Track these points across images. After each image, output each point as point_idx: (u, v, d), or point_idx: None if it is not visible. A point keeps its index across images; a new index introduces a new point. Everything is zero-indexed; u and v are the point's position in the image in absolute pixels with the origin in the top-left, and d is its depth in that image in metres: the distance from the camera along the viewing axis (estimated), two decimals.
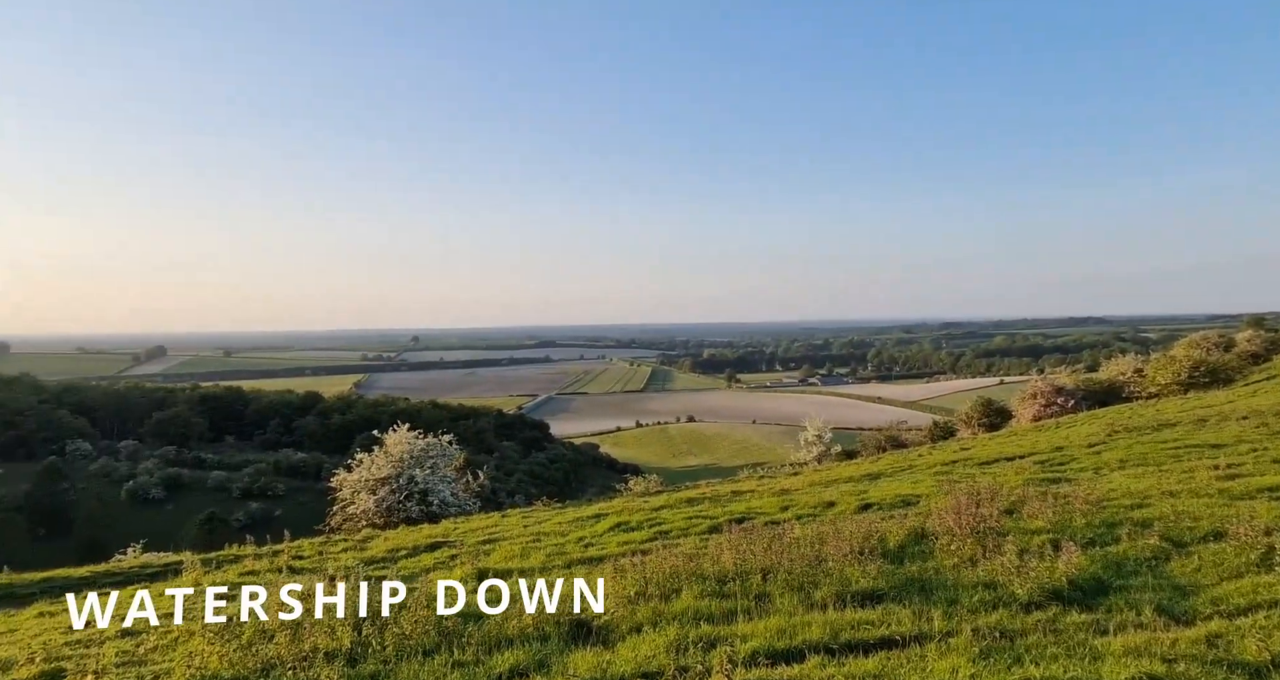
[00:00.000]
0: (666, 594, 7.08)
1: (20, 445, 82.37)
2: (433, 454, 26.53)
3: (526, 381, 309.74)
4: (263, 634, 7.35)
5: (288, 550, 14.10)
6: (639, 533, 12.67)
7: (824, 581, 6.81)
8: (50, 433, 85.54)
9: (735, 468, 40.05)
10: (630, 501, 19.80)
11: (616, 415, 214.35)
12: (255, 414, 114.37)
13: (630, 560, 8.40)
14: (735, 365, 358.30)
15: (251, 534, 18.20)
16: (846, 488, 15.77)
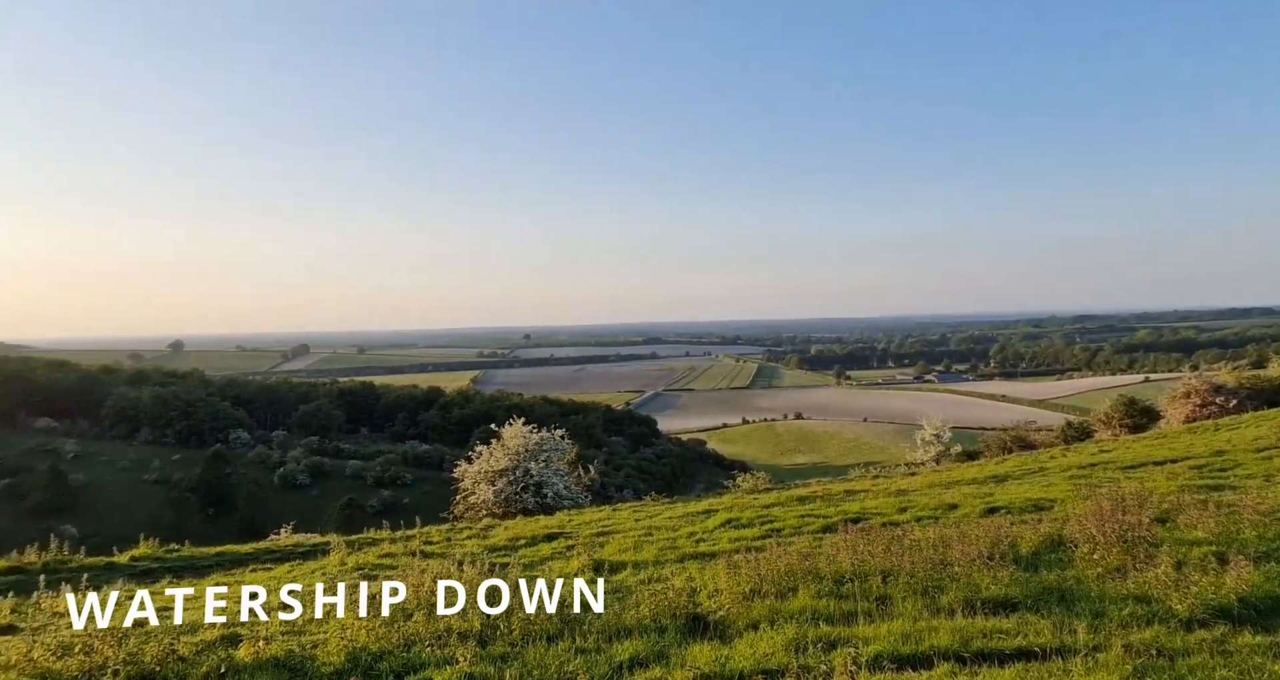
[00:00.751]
0: (782, 592, 7.03)
1: (193, 433, 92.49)
2: (546, 448, 27.46)
3: (633, 378, 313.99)
4: (403, 612, 7.94)
5: (419, 536, 15.07)
6: (750, 530, 12.62)
7: (950, 586, 6.54)
8: (216, 423, 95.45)
9: (845, 467, 38.91)
10: (739, 498, 19.72)
11: (722, 412, 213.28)
12: (385, 407, 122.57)
13: (743, 557, 8.39)
14: (844, 362, 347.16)
15: (384, 519, 19.58)
16: (969, 490, 14.99)
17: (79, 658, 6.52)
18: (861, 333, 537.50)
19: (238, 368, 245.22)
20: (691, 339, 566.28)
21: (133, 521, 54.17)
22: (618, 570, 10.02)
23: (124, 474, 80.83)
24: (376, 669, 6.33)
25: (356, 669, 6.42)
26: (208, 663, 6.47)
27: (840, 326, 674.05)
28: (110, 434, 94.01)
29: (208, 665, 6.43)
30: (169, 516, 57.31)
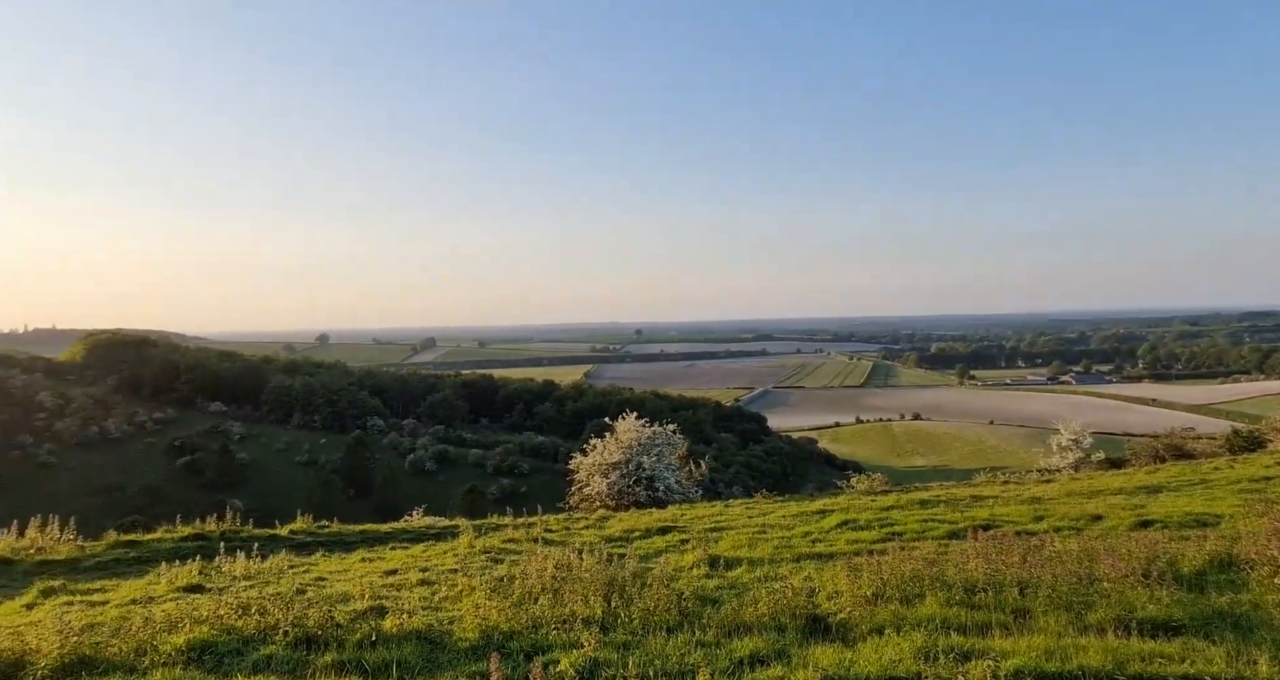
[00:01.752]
0: (907, 598, 6.81)
1: (337, 419, 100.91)
2: (658, 442, 27.77)
3: (743, 374, 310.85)
4: (529, 595, 8.35)
5: (539, 523, 15.70)
6: (868, 532, 12.27)
7: (1099, 603, 6.08)
8: (356, 410, 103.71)
9: (969, 471, 36.71)
10: (855, 499, 19.16)
11: (835, 410, 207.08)
12: (504, 399, 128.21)
13: (864, 560, 8.19)
14: (968, 360, 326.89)
15: (503, 506, 20.50)
16: (1116, 501, 13.81)
17: (255, 618, 7.33)
18: (987, 330, 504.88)
19: (374, 360, 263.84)
20: (803, 336, 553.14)
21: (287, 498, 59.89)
22: (733, 566, 10.04)
23: (280, 454, 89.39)
24: (508, 647, 6.69)
25: (489, 646, 6.81)
26: (360, 631, 7.08)
27: (964, 323, 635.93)
28: (269, 418, 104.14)
29: (360, 633, 7.04)
30: (317, 495, 62.90)
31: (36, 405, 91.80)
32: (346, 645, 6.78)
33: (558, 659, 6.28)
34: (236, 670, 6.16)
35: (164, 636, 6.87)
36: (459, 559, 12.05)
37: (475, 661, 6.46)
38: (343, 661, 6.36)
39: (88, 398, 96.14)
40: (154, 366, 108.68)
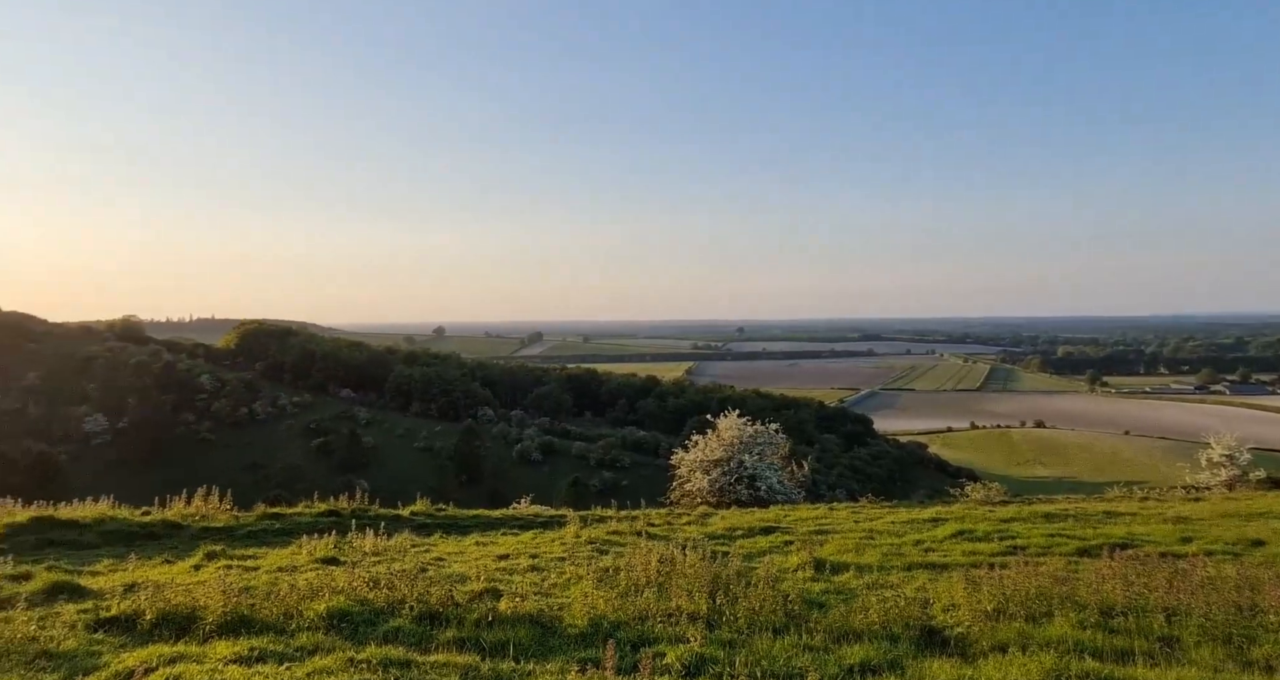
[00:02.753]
0: (1033, 616, 6.43)
1: (451, 409, 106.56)
2: (760, 441, 27.43)
3: (848, 375, 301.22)
4: (634, 587, 8.52)
5: (642, 517, 15.95)
6: (986, 544, 11.64)
7: (1264, 638, 5.51)
8: (468, 400, 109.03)
9: (1100, 485, 33.95)
10: (970, 509, 18.18)
11: (947, 415, 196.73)
12: (607, 393, 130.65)
13: (984, 573, 7.79)
14: (1100, 366, 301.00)
15: (604, 498, 20.91)
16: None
17: (385, 592, 7.89)
18: (1123, 333, 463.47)
19: (485, 352, 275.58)
20: (913, 336, 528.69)
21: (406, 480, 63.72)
22: (839, 571, 9.82)
23: (400, 440, 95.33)
24: (615, 637, 6.85)
25: (598, 634, 7.02)
26: (478, 611, 7.48)
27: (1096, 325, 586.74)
28: (391, 405, 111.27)
29: (478, 613, 7.43)
30: (432, 480, 66.59)
31: (198, 387, 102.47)
32: (465, 623, 7.18)
33: (664, 652, 6.39)
34: (370, 639, 6.66)
35: (307, 603, 7.53)
36: (566, 548, 12.42)
37: (585, 648, 6.68)
38: (462, 639, 6.74)
39: (239, 381, 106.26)
40: (294, 354, 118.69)
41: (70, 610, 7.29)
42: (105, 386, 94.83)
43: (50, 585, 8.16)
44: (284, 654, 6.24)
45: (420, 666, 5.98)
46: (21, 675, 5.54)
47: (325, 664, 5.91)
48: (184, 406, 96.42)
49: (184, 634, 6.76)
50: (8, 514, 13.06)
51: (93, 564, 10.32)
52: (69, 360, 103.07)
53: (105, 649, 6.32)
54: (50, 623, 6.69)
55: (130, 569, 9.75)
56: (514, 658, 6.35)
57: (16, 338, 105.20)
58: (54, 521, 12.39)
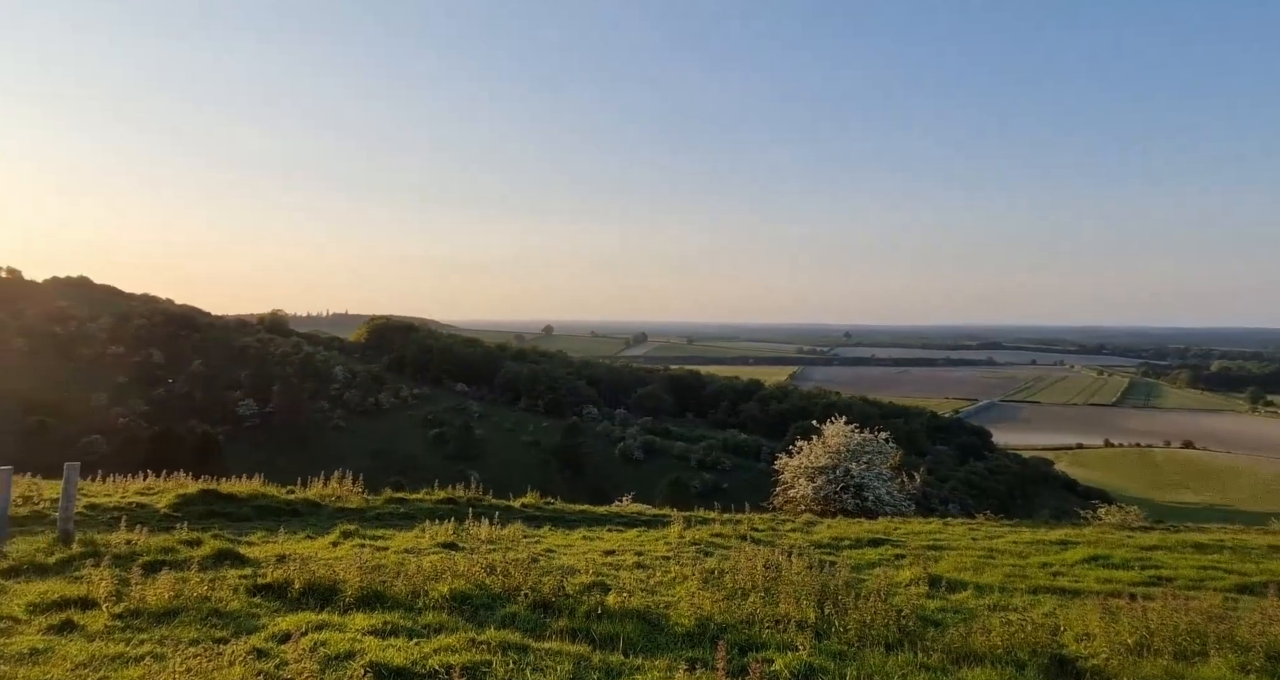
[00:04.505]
0: (1183, 654, 5.91)
1: (556, 405, 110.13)
2: (868, 450, 26.54)
3: (964, 384, 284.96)
4: (740, 591, 8.53)
5: (746, 521, 15.85)
6: (1125, 572, 10.75)
7: None
8: (573, 398, 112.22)
9: (1262, 515, 30.43)
10: (1105, 533, 16.79)
11: (1077, 430, 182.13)
12: (709, 396, 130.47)
13: (1123, 603, 7.23)
14: (1265, 383, 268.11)
15: (705, 500, 20.88)
16: None
17: (501, 578, 8.31)
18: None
19: (590, 351, 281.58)
20: (1039, 345, 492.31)
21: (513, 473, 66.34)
22: (956, 589, 9.39)
23: (508, 434, 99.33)
24: (721, 639, 6.90)
25: (704, 635, 7.09)
26: (587, 603, 7.73)
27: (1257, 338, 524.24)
28: (501, 400, 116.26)
29: (587, 605, 7.68)
30: (537, 473, 68.85)
31: (332, 377, 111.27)
32: (576, 614, 7.45)
33: (772, 658, 6.37)
34: (489, 622, 7.05)
35: (432, 584, 8.05)
36: (670, 547, 12.55)
37: (691, 647, 6.76)
38: (573, 629, 6.99)
39: (367, 373, 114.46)
40: (415, 349, 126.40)
41: (233, 575, 8.16)
42: (255, 374, 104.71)
43: (216, 552, 9.16)
44: (413, 630, 6.71)
45: (535, 652, 6.27)
46: (198, 630, 6.28)
47: (450, 642, 6.31)
48: (320, 395, 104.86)
49: (326, 604, 7.40)
50: (180, 486, 14.75)
51: (248, 535, 11.46)
52: (227, 350, 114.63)
53: (263, 612, 7.03)
54: (218, 585, 7.52)
55: (279, 541, 10.76)
56: (623, 651, 6.53)
57: (186, 329, 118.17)
58: (216, 495, 13.87)
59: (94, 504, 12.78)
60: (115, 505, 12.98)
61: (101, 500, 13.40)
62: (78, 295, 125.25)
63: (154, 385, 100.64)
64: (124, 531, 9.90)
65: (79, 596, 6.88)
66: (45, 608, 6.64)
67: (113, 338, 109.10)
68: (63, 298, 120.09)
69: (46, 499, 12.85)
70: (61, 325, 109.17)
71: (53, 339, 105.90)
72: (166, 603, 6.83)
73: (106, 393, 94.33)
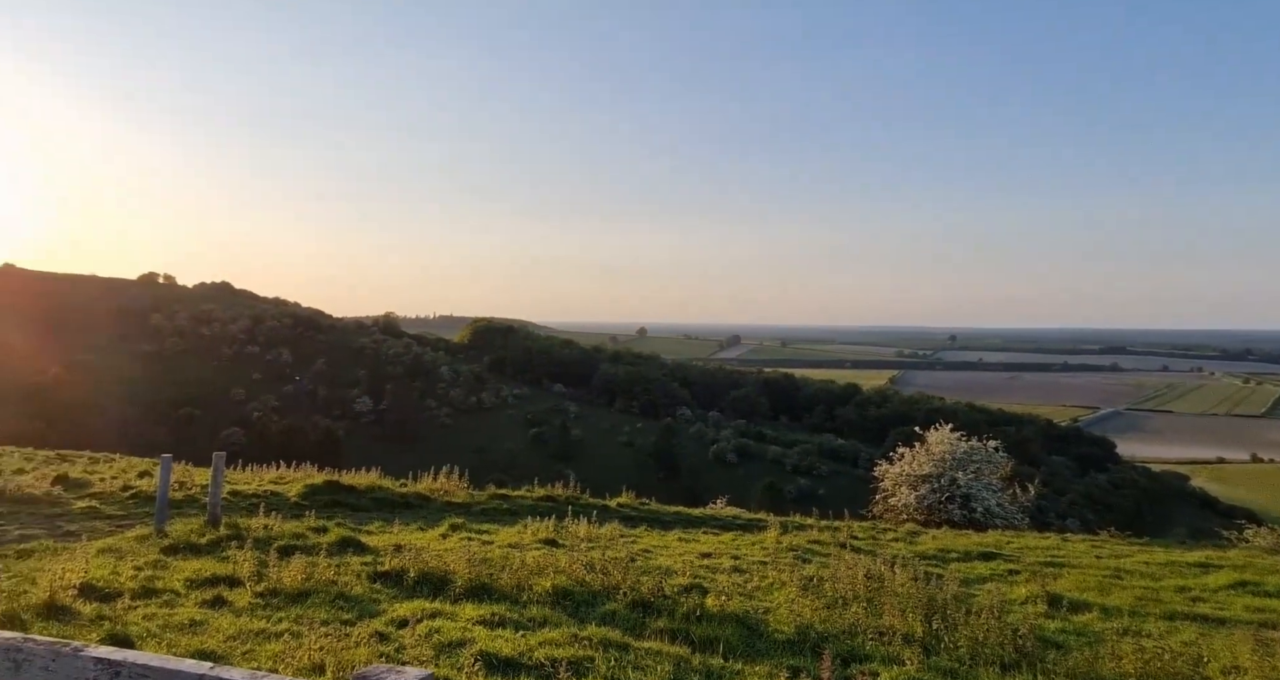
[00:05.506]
0: None
1: (651, 407, 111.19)
2: (976, 458, 25.20)
3: (1084, 391, 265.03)
4: (840, 600, 8.35)
5: (845, 528, 15.44)
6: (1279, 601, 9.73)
7: None
8: (667, 399, 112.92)
9: None
10: (1254, 557, 15.18)
11: (1216, 443, 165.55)
12: (804, 399, 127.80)
13: (1278, 635, 6.57)
14: None
15: (800, 505, 20.45)
16: None
17: (600, 576, 8.50)
18: None
19: (684, 353, 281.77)
20: (1171, 350, 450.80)
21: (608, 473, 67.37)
22: (1079, 610, 8.80)
23: (604, 434, 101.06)
24: (822, 648, 6.78)
25: (805, 643, 6.99)
26: (686, 605, 7.78)
27: None
28: (597, 401, 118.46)
29: (686, 607, 7.74)
30: (632, 474, 69.54)
31: (439, 376, 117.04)
32: (675, 615, 7.51)
33: (877, 671, 6.21)
34: (590, 618, 7.23)
35: (535, 579, 8.34)
36: (767, 553, 12.42)
37: (792, 655, 6.68)
38: (672, 630, 7.05)
39: (470, 373, 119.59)
40: (515, 350, 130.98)
41: (355, 562, 8.76)
42: (371, 373, 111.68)
43: (340, 539, 9.86)
44: (519, 622, 6.99)
45: (636, 651, 6.38)
46: (328, 611, 6.80)
47: (554, 636, 6.53)
48: (428, 393, 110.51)
49: (438, 593, 7.82)
50: (307, 476, 15.96)
51: (366, 524, 12.25)
52: (346, 350, 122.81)
53: (382, 598, 7.52)
54: (343, 571, 8.10)
55: (395, 532, 11.45)
56: (723, 655, 6.54)
57: (311, 331, 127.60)
58: (339, 486, 14.91)
59: (235, 490, 14.03)
60: (253, 492, 14.21)
61: (241, 487, 14.70)
62: (220, 299, 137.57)
63: (283, 382, 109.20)
64: (262, 517, 10.84)
65: (227, 575, 7.60)
66: (200, 583, 7.38)
67: (249, 338, 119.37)
68: (208, 301, 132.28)
69: (197, 484, 14.25)
70: (207, 326, 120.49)
71: (200, 339, 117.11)
72: (299, 584, 7.43)
73: (244, 388, 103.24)
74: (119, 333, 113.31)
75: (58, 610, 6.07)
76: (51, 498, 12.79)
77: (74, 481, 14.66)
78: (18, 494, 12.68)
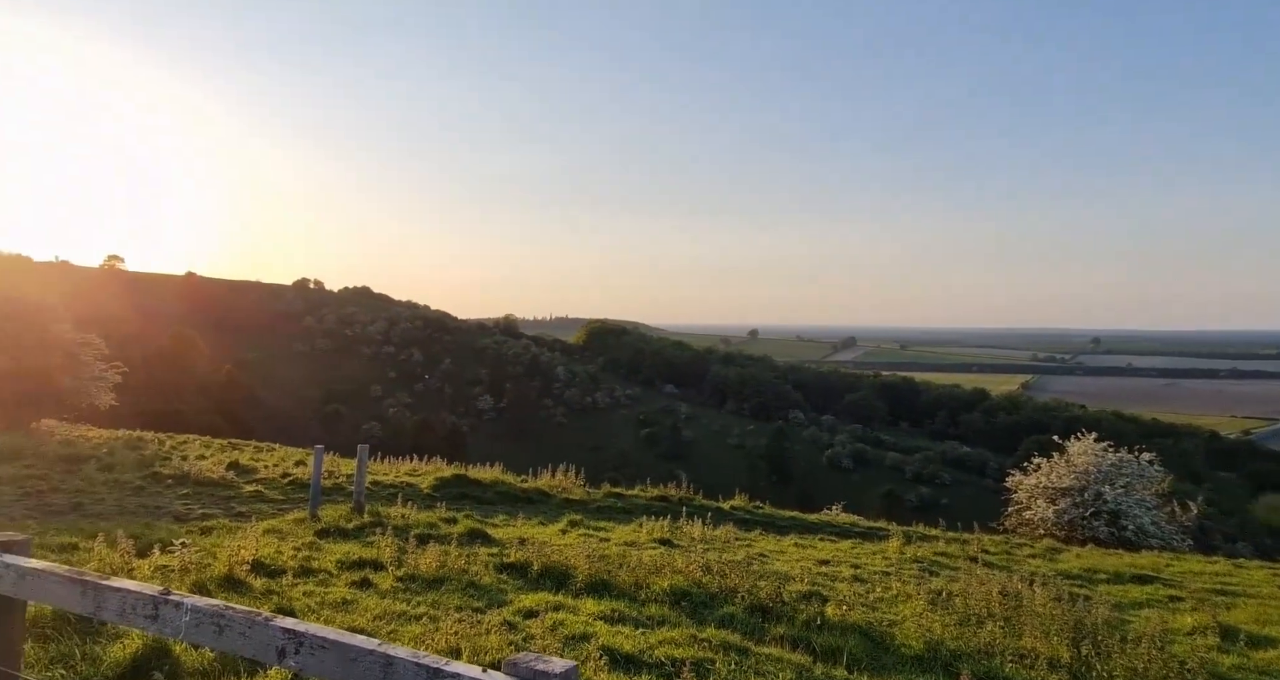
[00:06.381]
0: None
1: (761, 409, 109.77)
2: (1126, 472, 22.99)
3: (1260, 400, 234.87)
4: (973, 617, 7.88)
5: (976, 542, 14.57)
6: None
7: None
8: (779, 402, 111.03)
9: None
10: None
11: None
12: (925, 404, 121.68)
13: None
14: None
15: (922, 515, 19.44)
16: None
17: (717, 578, 8.47)
18: None
19: (796, 355, 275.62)
20: None
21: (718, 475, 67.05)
22: (1260, 646, 7.83)
23: (714, 436, 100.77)
24: (955, 667, 6.43)
25: (935, 661, 6.65)
26: (806, 612, 7.61)
27: None
28: (708, 402, 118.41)
29: (806, 614, 7.56)
30: (743, 477, 68.84)
31: (555, 376, 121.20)
32: (795, 622, 7.36)
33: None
34: (709, 620, 7.22)
35: (653, 578, 8.43)
36: (889, 563, 11.95)
37: (921, 672, 6.38)
38: (793, 637, 6.91)
39: (585, 374, 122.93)
40: (628, 351, 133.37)
41: (483, 552, 9.22)
42: (492, 372, 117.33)
43: (469, 530, 10.42)
44: (638, 619, 7.09)
45: (756, 656, 6.31)
46: (460, 598, 7.21)
47: (673, 636, 6.57)
48: (545, 392, 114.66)
49: (560, 587, 8.08)
50: (438, 470, 17.00)
51: (491, 517, 12.86)
52: (469, 350, 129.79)
53: (509, 588, 7.87)
54: (472, 560, 8.55)
55: (518, 525, 11.94)
56: (846, 666, 6.34)
57: (439, 332, 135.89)
58: (466, 479, 15.77)
59: (376, 481, 15.15)
60: (390, 483, 15.29)
61: (380, 478, 15.85)
62: (361, 302, 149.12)
63: (414, 380, 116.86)
64: (399, 506, 11.64)
65: (371, 559, 8.22)
66: (348, 565, 8.02)
67: (385, 339, 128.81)
68: (350, 305, 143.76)
69: (343, 474, 15.51)
70: (350, 328, 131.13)
71: (344, 339, 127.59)
72: (434, 571, 7.91)
73: (381, 385, 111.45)
74: (277, 334, 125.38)
75: (234, 583, 6.81)
76: (225, 481, 14.37)
77: (243, 468, 16.37)
78: (200, 477, 14.38)
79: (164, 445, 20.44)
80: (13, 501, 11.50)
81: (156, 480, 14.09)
